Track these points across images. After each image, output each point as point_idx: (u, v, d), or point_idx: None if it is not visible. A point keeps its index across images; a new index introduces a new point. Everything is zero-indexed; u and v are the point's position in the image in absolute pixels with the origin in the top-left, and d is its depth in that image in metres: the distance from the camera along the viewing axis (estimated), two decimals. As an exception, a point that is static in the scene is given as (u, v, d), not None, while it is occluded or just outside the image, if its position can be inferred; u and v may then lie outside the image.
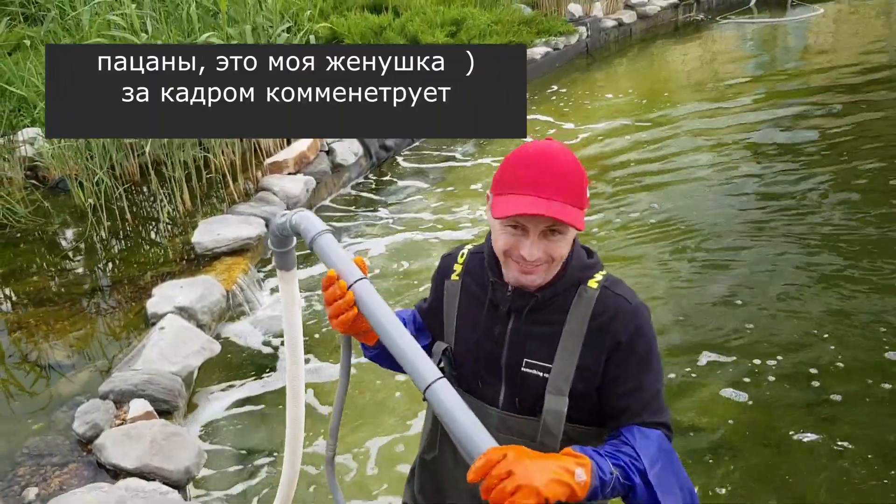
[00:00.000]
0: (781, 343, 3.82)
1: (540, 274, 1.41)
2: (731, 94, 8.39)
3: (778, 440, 3.19)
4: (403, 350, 1.31)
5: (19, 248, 5.44)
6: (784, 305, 4.15)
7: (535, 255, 1.37)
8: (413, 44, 8.87)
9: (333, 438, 1.57)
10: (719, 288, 4.40)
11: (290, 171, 6.19)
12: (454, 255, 1.64)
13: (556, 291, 1.45)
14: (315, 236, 1.45)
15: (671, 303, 4.29)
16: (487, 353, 1.50)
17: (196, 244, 4.99)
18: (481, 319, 1.52)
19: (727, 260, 4.72)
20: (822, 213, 5.20)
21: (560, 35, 10.79)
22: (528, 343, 1.46)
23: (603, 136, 7.46)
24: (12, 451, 3.22)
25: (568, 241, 1.40)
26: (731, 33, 11.97)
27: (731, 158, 6.47)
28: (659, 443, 1.39)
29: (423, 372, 1.28)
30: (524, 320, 1.47)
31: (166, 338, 3.84)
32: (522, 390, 1.46)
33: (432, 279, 1.68)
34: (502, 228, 1.40)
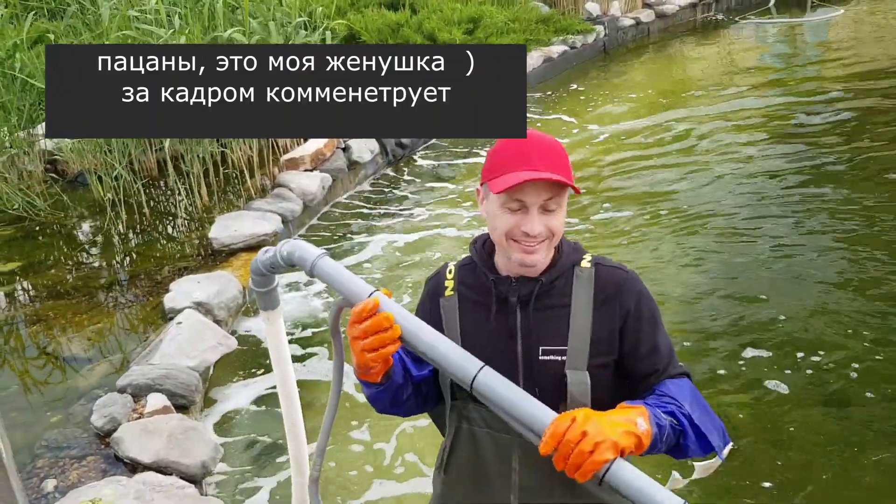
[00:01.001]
0: (816, 339, 3.80)
1: (542, 252, 1.44)
2: (750, 94, 8.33)
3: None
4: (443, 351, 1.31)
5: (38, 241, 5.48)
6: (819, 301, 4.13)
7: (537, 228, 1.41)
8: (430, 41, 8.87)
9: (320, 458, 1.56)
10: (752, 282, 4.38)
11: (306, 167, 6.20)
12: (441, 274, 1.64)
13: (557, 274, 1.49)
14: (314, 262, 1.43)
15: (709, 299, 4.27)
16: (500, 349, 1.49)
17: (213, 239, 5.01)
18: (489, 320, 1.52)
19: (763, 257, 4.69)
20: (853, 210, 5.15)
21: (577, 34, 10.76)
22: (540, 331, 1.48)
23: (624, 136, 7.43)
24: (31, 443, 3.24)
25: (563, 216, 1.46)
26: (750, 33, 11.89)
27: (753, 157, 6.42)
28: (691, 389, 1.44)
29: (466, 366, 1.29)
30: (532, 309, 1.49)
31: (183, 332, 3.85)
32: (543, 379, 1.46)
33: (420, 306, 1.66)
34: (502, 211, 1.44)
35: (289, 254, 1.47)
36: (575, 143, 7.36)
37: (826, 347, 3.73)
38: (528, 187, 1.40)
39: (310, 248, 1.46)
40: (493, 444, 1.50)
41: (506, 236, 1.44)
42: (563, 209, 1.45)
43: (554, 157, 1.42)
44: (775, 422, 3.28)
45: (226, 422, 3.63)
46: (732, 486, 2.95)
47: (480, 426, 1.52)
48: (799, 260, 4.63)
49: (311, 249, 1.45)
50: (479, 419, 1.52)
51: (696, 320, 4.11)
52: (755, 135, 7.01)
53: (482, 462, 1.53)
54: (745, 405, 3.41)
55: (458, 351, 1.31)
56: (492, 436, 1.51)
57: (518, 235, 1.43)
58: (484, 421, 1.51)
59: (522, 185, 1.39)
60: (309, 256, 1.44)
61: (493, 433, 1.50)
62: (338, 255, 5.41)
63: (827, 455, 3.08)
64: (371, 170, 6.99)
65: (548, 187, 1.40)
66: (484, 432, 1.52)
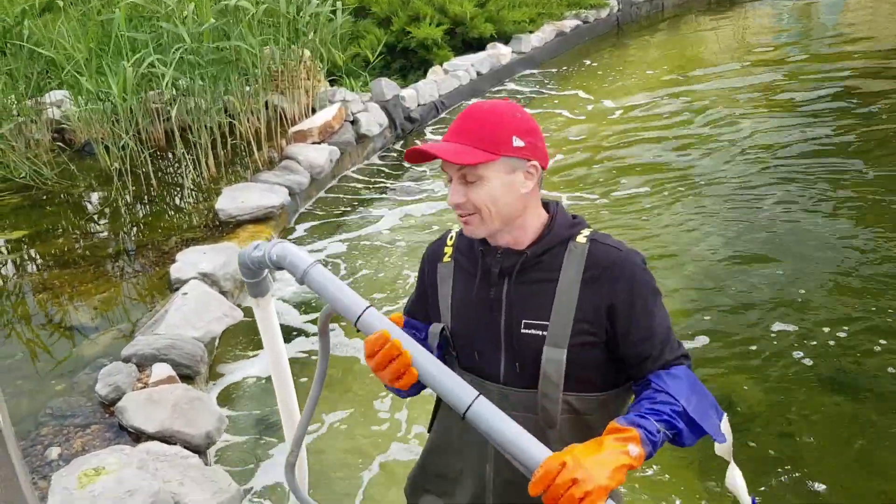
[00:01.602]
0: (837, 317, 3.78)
1: (476, 225, 1.44)
2: (764, 71, 8.22)
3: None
4: (436, 376, 1.29)
5: (45, 210, 5.47)
6: (837, 277, 4.11)
7: (455, 199, 1.42)
8: (441, 14, 8.77)
9: (297, 446, 1.55)
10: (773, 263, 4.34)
11: (314, 140, 6.16)
12: (442, 240, 1.64)
13: (544, 248, 1.47)
14: (306, 270, 1.40)
15: (736, 277, 4.23)
16: (485, 321, 1.49)
17: (220, 211, 4.98)
18: (475, 290, 1.52)
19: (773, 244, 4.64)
20: (861, 190, 5.09)
21: (591, 8, 10.63)
22: (524, 304, 1.46)
23: (640, 111, 7.34)
24: (36, 411, 3.24)
25: (489, 190, 1.40)
26: (765, 9, 11.71)
27: (768, 130, 6.34)
28: (687, 378, 1.41)
29: (460, 395, 1.27)
30: (516, 281, 1.47)
31: (189, 303, 3.84)
32: (522, 353, 1.45)
33: (420, 269, 1.67)
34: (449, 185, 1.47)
35: (279, 258, 1.45)
36: (591, 118, 7.28)
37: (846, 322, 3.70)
38: (444, 160, 1.41)
39: (301, 254, 1.43)
40: None
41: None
42: (490, 183, 1.40)
43: (471, 128, 1.41)
44: (787, 400, 3.26)
45: (230, 393, 3.63)
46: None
47: None
48: (823, 232, 4.58)
49: (302, 256, 1.42)
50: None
51: (712, 292, 4.08)
52: (769, 110, 6.91)
53: (461, 429, 1.53)
54: (758, 380, 3.38)
55: (455, 379, 1.30)
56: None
57: (454, 208, 1.45)
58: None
59: (441, 157, 1.40)
60: (301, 264, 1.41)
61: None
62: (344, 227, 5.38)
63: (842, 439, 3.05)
64: (379, 143, 6.94)
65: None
66: None
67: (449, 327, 1.55)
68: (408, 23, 8.58)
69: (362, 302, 1.35)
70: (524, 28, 9.42)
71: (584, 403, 1.45)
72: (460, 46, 8.99)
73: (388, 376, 1.32)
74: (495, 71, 8.72)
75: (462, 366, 1.54)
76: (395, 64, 8.69)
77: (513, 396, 1.47)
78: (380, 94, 7.12)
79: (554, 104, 7.85)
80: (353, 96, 6.95)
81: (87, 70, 5.65)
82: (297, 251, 1.44)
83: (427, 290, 1.63)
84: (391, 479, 3.02)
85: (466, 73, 8.27)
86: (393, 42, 8.57)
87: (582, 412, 1.45)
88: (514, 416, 1.34)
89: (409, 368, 1.30)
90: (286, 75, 6.43)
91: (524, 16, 9.47)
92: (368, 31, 8.55)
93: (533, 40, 9.42)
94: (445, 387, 1.29)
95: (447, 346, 1.56)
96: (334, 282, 1.39)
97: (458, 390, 1.28)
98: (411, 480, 1.73)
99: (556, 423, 1.44)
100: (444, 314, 1.57)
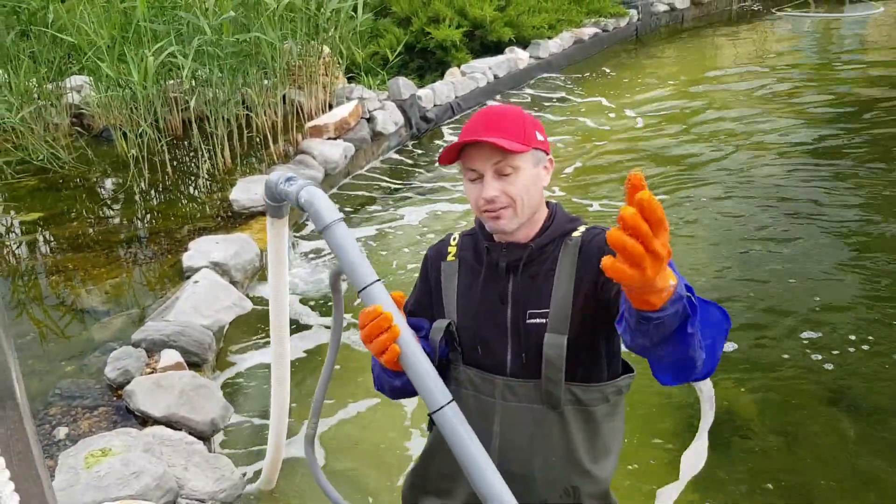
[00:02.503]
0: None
1: (508, 219, 1.47)
2: (783, 88, 8.21)
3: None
4: (415, 364, 1.32)
5: (61, 194, 5.52)
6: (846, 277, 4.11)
7: (490, 192, 1.44)
8: (461, 16, 8.80)
9: (315, 417, 1.57)
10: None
11: (330, 135, 6.20)
12: (446, 241, 1.69)
13: (547, 239, 1.52)
14: (330, 224, 1.39)
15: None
16: (492, 314, 1.53)
17: (233, 201, 5.02)
18: (480, 284, 1.56)
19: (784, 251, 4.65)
20: (869, 212, 5.09)
21: (610, 17, 10.65)
22: (528, 295, 1.50)
23: (663, 121, 7.36)
24: (45, 391, 3.28)
25: (524, 181, 1.45)
26: (786, 26, 11.70)
27: (777, 156, 6.34)
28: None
29: (436, 393, 1.30)
30: (522, 275, 1.51)
31: (200, 291, 3.88)
32: (529, 343, 1.49)
33: (423, 269, 1.69)
34: (468, 185, 1.49)
35: (306, 202, 1.45)
36: (614, 126, 7.31)
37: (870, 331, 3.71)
38: (475, 154, 1.44)
39: (328, 206, 1.42)
40: (478, 406, 1.53)
41: (476, 208, 1.49)
42: (523, 174, 1.45)
43: (501, 124, 1.44)
44: (787, 412, 3.27)
45: (236, 382, 3.66)
46: (744, 480, 2.94)
47: (467, 387, 1.56)
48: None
49: (329, 208, 1.42)
50: (466, 380, 1.56)
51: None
52: (790, 123, 6.91)
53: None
54: (760, 389, 3.39)
55: (435, 376, 1.32)
56: (477, 398, 1.54)
57: (483, 205, 1.46)
58: (471, 383, 1.55)
59: (471, 154, 1.44)
60: (326, 217, 1.40)
61: (479, 395, 1.54)
62: (355, 224, 5.42)
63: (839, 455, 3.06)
64: (394, 142, 6.97)
65: (494, 151, 1.43)
66: (470, 392, 1.55)
67: (455, 323, 1.58)
68: (427, 23, 8.62)
69: (373, 274, 1.37)
70: (543, 34, 9.44)
71: (588, 394, 1.49)
72: (478, 49, 9.03)
73: (375, 348, 1.34)
74: (512, 75, 8.75)
75: (466, 361, 1.56)
76: (413, 64, 8.72)
77: (518, 388, 1.50)
78: (397, 92, 7.15)
79: (580, 112, 7.88)
80: (370, 94, 6.99)
81: (109, 57, 5.70)
82: (326, 201, 1.43)
83: (431, 289, 1.65)
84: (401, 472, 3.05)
85: (483, 76, 8.30)
86: (412, 42, 8.61)
87: (586, 403, 1.49)
88: (519, 407, 1.42)
89: (393, 341, 1.33)
90: (305, 70, 6.47)
91: (543, 21, 9.50)
92: (388, 31, 8.59)
93: (551, 46, 9.44)
94: (423, 378, 1.31)
95: (452, 342, 1.58)
96: (353, 245, 1.39)
97: (435, 387, 1.31)
98: (410, 481, 1.74)
99: (560, 404, 1.47)
100: (448, 310, 1.60)
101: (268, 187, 1.59)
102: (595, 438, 1.52)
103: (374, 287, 1.36)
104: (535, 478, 1.51)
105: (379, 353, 1.35)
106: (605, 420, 1.53)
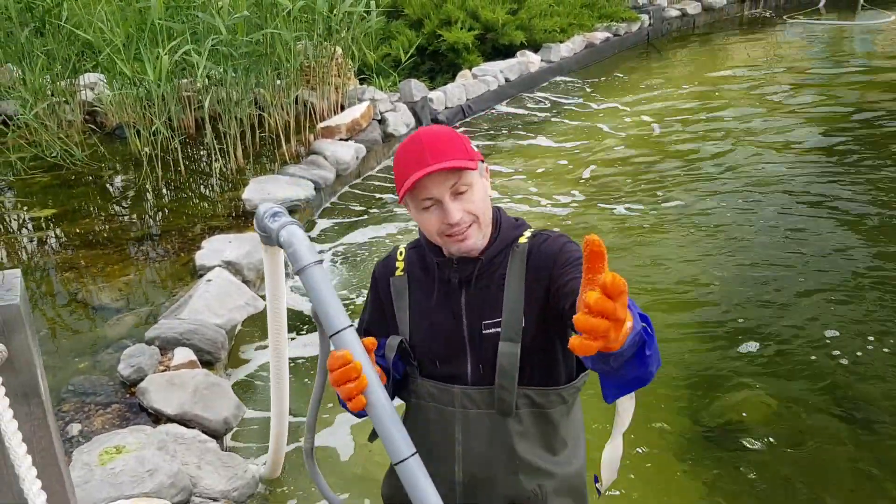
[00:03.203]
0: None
1: (474, 236, 1.47)
2: (792, 95, 8.19)
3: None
4: (382, 416, 1.34)
5: (74, 191, 5.54)
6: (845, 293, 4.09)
7: (456, 216, 1.43)
8: (473, 19, 8.80)
9: (311, 433, 1.59)
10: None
11: (342, 136, 6.21)
12: (392, 256, 1.68)
13: (495, 251, 1.53)
14: (305, 267, 1.41)
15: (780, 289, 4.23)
16: (448, 329, 1.54)
17: (246, 201, 5.03)
18: (434, 300, 1.57)
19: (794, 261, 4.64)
20: (873, 219, 5.07)
21: (622, 21, 10.64)
22: (482, 306, 1.52)
23: (678, 125, 7.36)
24: (58, 387, 3.29)
25: (479, 195, 1.47)
26: (797, 33, 11.67)
27: (790, 160, 6.33)
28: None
29: (400, 444, 1.33)
30: (474, 288, 1.53)
31: (212, 290, 3.88)
32: (485, 353, 1.51)
33: (372, 286, 1.69)
34: (422, 214, 1.47)
35: (285, 242, 1.47)
36: (630, 131, 7.31)
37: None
38: (430, 183, 1.42)
39: (305, 249, 1.44)
40: (439, 416, 1.56)
41: (438, 234, 1.48)
42: (476, 188, 1.47)
43: (442, 147, 1.43)
44: (798, 418, 3.26)
45: (248, 381, 3.67)
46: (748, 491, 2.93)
47: (426, 399, 1.58)
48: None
49: (304, 251, 1.44)
50: (426, 393, 1.58)
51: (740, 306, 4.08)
52: (794, 136, 6.89)
53: (429, 434, 1.58)
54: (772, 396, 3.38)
55: (400, 427, 1.35)
56: (437, 408, 1.57)
57: (446, 229, 1.46)
58: (430, 395, 1.57)
59: (425, 183, 1.42)
60: (302, 259, 1.42)
61: (439, 406, 1.56)
62: (366, 225, 5.42)
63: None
64: (405, 144, 6.97)
65: (447, 175, 1.42)
66: (430, 404, 1.58)
67: (407, 339, 1.59)
68: (440, 26, 8.63)
69: (346, 320, 1.38)
70: (555, 37, 9.44)
71: (542, 397, 1.52)
72: (490, 52, 9.03)
73: (342, 393, 1.36)
74: (523, 78, 8.74)
75: (423, 374, 1.58)
76: (425, 66, 8.73)
77: (475, 395, 1.53)
78: (408, 94, 7.16)
79: (594, 115, 7.87)
80: (381, 95, 7.00)
81: (125, 55, 5.72)
82: (303, 243, 1.45)
83: (384, 306, 1.66)
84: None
85: (495, 79, 8.30)
86: (424, 44, 8.61)
87: (542, 405, 1.52)
88: (477, 413, 1.48)
89: (360, 392, 1.34)
90: (317, 71, 6.48)
91: (555, 25, 9.49)
92: (400, 32, 8.60)
93: (563, 50, 9.44)
94: (389, 429, 1.34)
95: (406, 358, 1.59)
96: (327, 289, 1.40)
97: (399, 439, 1.33)
98: (388, 481, 1.72)
99: (512, 412, 1.50)
100: (402, 327, 1.60)
101: (257, 217, 1.61)
102: (553, 435, 1.55)
103: (346, 333, 1.37)
104: (497, 480, 1.54)
105: (346, 399, 1.36)
106: (562, 418, 1.56)
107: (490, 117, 7.98)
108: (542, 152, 6.83)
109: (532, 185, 6.05)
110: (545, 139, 7.17)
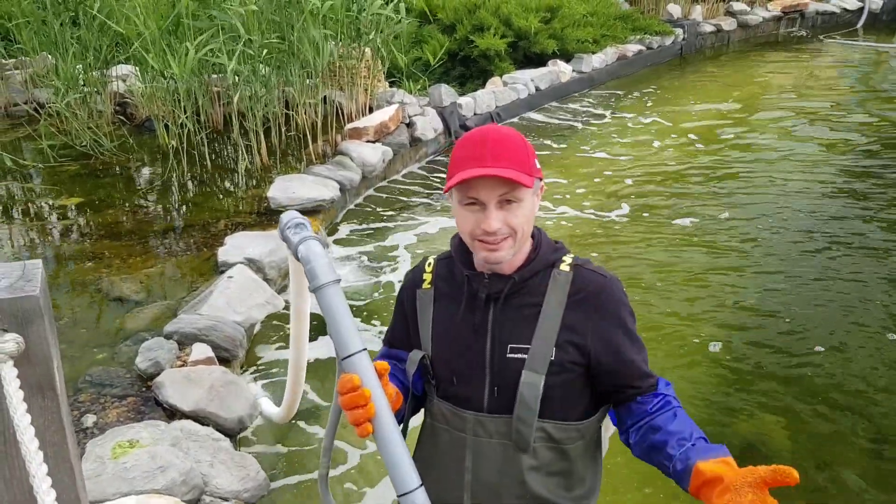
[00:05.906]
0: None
1: (506, 249, 1.42)
2: (826, 117, 8.07)
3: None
4: (394, 451, 1.29)
5: (100, 181, 5.57)
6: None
7: (495, 225, 1.38)
8: (506, 26, 8.76)
9: (326, 457, 1.55)
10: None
11: (369, 138, 6.18)
12: (420, 267, 1.63)
13: (531, 272, 1.47)
14: (322, 285, 1.37)
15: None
16: (469, 347, 1.49)
17: (270, 199, 5.02)
18: (459, 315, 1.51)
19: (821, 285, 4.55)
20: None
21: (655, 34, 10.56)
22: (510, 328, 1.46)
23: (713, 142, 7.29)
24: (75, 377, 3.28)
25: (525, 212, 1.41)
26: (833, 54, 11.52)
27: (820, 182, 6.23)
28: (680, 408, 1.46)
29: (405, 475, 1.27)
30: (503, 306, 1.47)
31: (233, 287, 3.87)
32: (506, 377, 1.45)
33: (398, 297, 1.65)
34: (462, 211, 1.42)
35: (303, 258, 1.43)
36: (666, 146, 7.24)
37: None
38: (480, 185, 1.37)
39: (324, 266, 1.39)
40: (450, 441, 1.52)
41: (470, 236, 1.44)
42: (525, 204, 1.41)
43: (507, 154, 1.38)
44: (819, 439, 3.18)
45: (265, 380, 3.64)
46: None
47: (440, 422, 1.54)
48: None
49: (323, 269, 1.39)
50: (440, 415, 1.54)
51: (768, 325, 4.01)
52: (826, 159, 6.79)
53: (440, 457, 1.54)
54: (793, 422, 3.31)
55: (407, 457, 1.29)
56: (449, 432, 1.52)
57: (480, 234, 1.41)
58: (444, 417, 1.53)
59: (475, 183, 1.37)
60: (320, 277, 1.38)
61: (451, 430, 1.52)
62: (390, 229, 5.39)
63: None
64: (432, 148, 6.95)
65: (501, 183, 1.37)
66: (443, 427, 1.53)
67: (430, 354, 1.54)
68: (472, 32, 8.59)
69: (359, 343, 1.33)
70: (587, 48, 9.38)
71: (561, 432, 1.47)
72: (521, 60, 8.98)
73: (350, 419, 1.31)
74: (554, 88, 8.69)
75: (440, 394, 1.54)
76: (455, 71, 8.70)
77: (489, 423, 1.47)
78: (438, 99, 7.13)
79: (628, 127, 7.81)
80: (411, 99, 6.98)
81: (155, 48, 5.74)
82: (322, 260, 1.41)
83: (408, 319, 1.61)
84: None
85: (525, 88, 8.25)
86: (455, 49, 8.58)
87: (559, 441, 1.47)
88: (490, 443, 1.43)
89: (368, 420, 1.29)
90: (346, 72, 6.47)
91: (588, 35, 9.43)
92: (432, 37, 8.57)
93: (594, 61, 9.37)
94: (395, 459, 1.28)
95: (426, 374, 1.55)
96: (343, 310, 1.36)
97: (406, 469, 1.28)
98: None
99: (528, 448, 1.45)
100: (423, 342, 1.56)
101: (280, 226, 1.58)
102: (569, 473, 1.49)
103: (356, 358, 1.32)
104: None
105: (353, 424, 1.31)
106: (580, 455, 1.50)
107: (519, 126, 7.93)
108: (574, 163, 6.77)
109: (566, 193, 6.00)
110: (575, 149, 7.11)
